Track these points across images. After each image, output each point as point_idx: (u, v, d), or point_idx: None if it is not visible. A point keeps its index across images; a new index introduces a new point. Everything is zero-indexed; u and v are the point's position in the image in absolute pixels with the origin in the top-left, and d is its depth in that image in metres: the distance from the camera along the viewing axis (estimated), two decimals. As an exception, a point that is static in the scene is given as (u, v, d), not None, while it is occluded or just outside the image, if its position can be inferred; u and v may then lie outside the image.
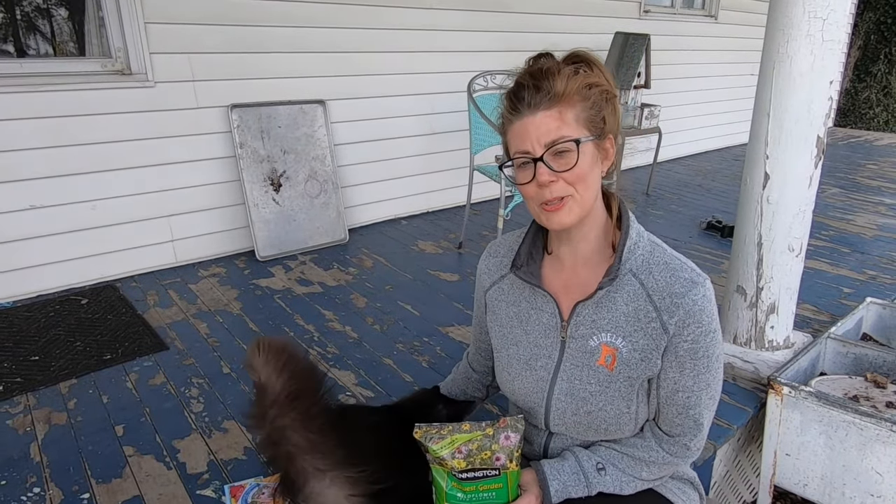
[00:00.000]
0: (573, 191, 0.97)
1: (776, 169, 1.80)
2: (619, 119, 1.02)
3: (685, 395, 1.02)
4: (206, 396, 1.89)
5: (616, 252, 1.02)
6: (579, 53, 0.98)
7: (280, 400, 0.95)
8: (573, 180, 0.96)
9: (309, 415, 0.96)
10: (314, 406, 0.98)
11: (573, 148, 0.94)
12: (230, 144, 2.94)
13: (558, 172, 0.95)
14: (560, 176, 0.95)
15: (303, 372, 0.99)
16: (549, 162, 0.95)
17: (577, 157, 0.94)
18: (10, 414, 1.80)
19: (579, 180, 0.96)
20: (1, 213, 2.44)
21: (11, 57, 2.60)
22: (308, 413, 0.96)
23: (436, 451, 0.98)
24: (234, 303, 2.55)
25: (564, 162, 0.95)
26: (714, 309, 1.01)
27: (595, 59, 0.98)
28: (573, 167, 0.94)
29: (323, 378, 1.04)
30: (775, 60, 1.74)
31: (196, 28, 2.74)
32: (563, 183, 0.96)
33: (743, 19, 5.75)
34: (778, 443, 1.74)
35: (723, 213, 3.76)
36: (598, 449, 1.10)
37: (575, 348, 1.06)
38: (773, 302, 1.92)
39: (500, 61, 3.57)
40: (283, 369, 0.96)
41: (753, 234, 1.89)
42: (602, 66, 0.98)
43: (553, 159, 0.95)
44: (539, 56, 0.99)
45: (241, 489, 1.47)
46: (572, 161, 0.94)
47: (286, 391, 0.95)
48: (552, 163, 0.95)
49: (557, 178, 0.96)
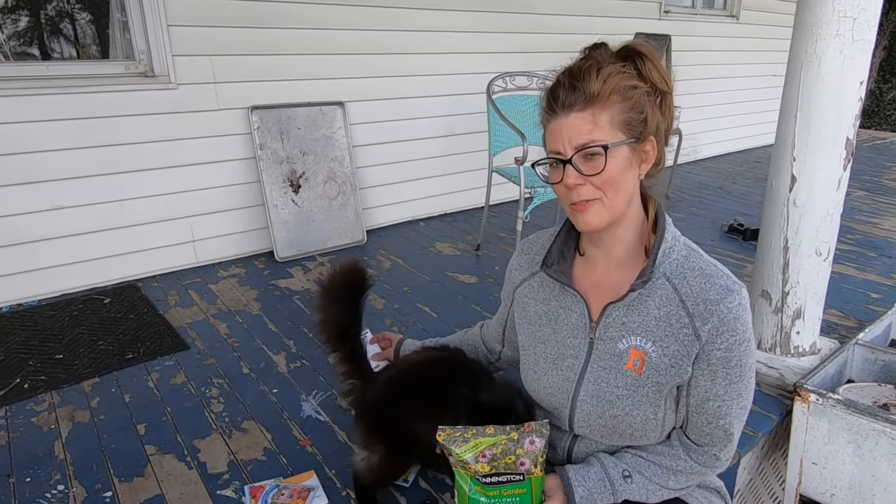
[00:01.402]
0: (601, 195, 0.95)
1: (803, 171, 1.76)
2: (670, 118, 0.99)
3: (716, 405, 1.00)
4: (226, 396, 1.90)
5: (650, 255, 1.00)
6: (634, 47, 0.95)
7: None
8: (601, 185, 0.94)
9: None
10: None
11: (602, 153, 0.92)
12: (250, 146, 2.96)
13: (586, 176, 0.94)
14: (588, 180, 0.94)
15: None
16: (578, 165, 0.94)
17: (605, 162, 0.92)
18: (35, 411, 1.83)
19: (608, 185, 0.94)
20: (27, 214, 2.48)
21: (37, 60, 2.65)
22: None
23: (459, 454, 0.97)
24: (253, 303, 2.57)
25: (593, 166, 0.93)
26: (749, 317, 0.99)
27: (648, 54, 0.94)
28: (601, 172, 0.93)
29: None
30: (803, 60, 1.70)
31: (217, 30, 2.76)
32: (590, 187, 0.95)
33: (765, 19, 5.67)
34: (804, 451, 1.70)
35: (744, 215, 3.70)
36: (623, 455, 1.08)
37: (603, 350, 1.05)
38: (800, 307, 1.88)
39: (520, 63, 3.55)
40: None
41: (779, 238, 1.85)
42: (656, 62, 0.95)
43: (582, 162, 0.94)
44: (593, 46, 0.96)
45: (261, 490, 1.47)
46: (600, 166, 0.93)
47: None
48: (581, 166, 0.94)
49: (585, 181, 0.94)
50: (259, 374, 2.02)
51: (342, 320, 1.35)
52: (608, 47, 0.96)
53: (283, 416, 1.80)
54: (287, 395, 1.91)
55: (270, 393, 1.92)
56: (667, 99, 0.98)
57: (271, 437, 1.70)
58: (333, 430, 1.73)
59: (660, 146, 0.99)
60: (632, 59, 0.94)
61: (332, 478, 1.53)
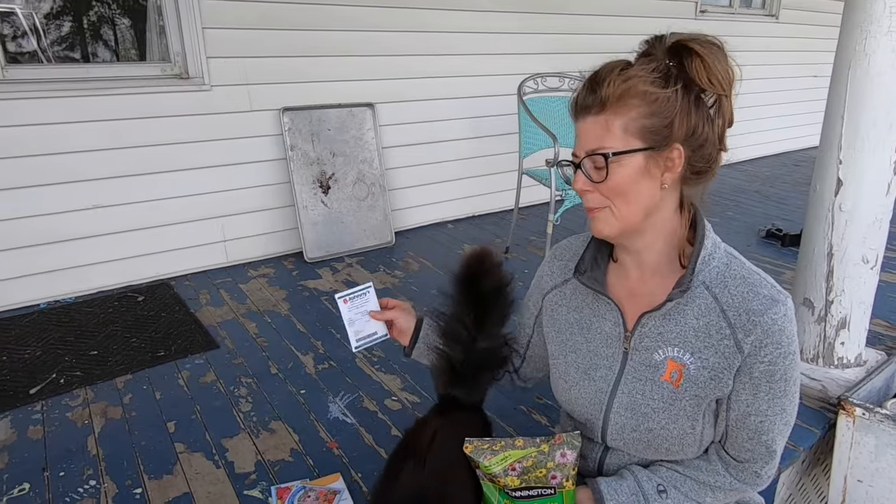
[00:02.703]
0: (609, 203, 0.92)
1: (850, 175, 1.69)
2: (723, 123, 0.93)
3: (758, 420, 0.95)
4: (255, 396, 1.90)
5: (688, 263, 0.96)
6: (684, 42, 0.88)
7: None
8: (608, 194, 0.91)
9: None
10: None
11: (603, 163, 0.89)
12: (281, 147, 2.99)
13: (594, 182, 0.91)
14: (596, 187, 0.92)
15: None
16: (588, 170, 0.92)
17: (608, 171, 0.89)
18: (69, 406, 1.86)
19: (615, 194, 0.91)
20: (66, 213, 2.55)
21: (78, 63, 2.72)
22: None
23: (488, 467, 0.94)
24: (282, 303, 2.58)
25: (600, 173, 0.90)
26: (794, 329, 0.94)
27: (700, 51, 0.87)
28: (604, 180, 0.90)
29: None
30: (851, 59, 1.63)
31: (251, 33, 2.80)
32: (598, 194, 0.92)
33: (807, 18, 5.50)
34: (849, 468, 1.63)
35: (783, 220, 3.59)
36: (658, 469, 1.04)
37: (638, 361, 1.01)
38: (845, 316, 1.81)
39: (551, 64, 3.51)
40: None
41: (823, 244, 1.78)
42: (708, 60, 0.87)
43: (591, 168, 0.91)
44: (657, 38, 0.90)
45: (288, 491, 1.47)
46: (604, 174, 0.90)
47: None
48: (591, 172, 0.91)
49: (594, 188, 0.92)
50: (287, 375, 2.03)
51: (455, 318, 1.14)
52: (664, 40, 0.90)
53: (311, 417, 1.80)
54: (314, 396, 1.91)
55: (298, 394, 1.92)
56: (722, 102, 0.92)
57: (298, 438, 1.70)
58: (360, 432, 1.72)
59: (702, 153, 0.92)
60: (678, 57, 0.89)
61: (359, 481, 1.52)
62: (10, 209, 2.43)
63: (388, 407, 1.84)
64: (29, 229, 2.48)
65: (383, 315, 1.20)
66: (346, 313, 1.16)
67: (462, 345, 1.13)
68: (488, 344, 1.14)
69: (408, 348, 1.23)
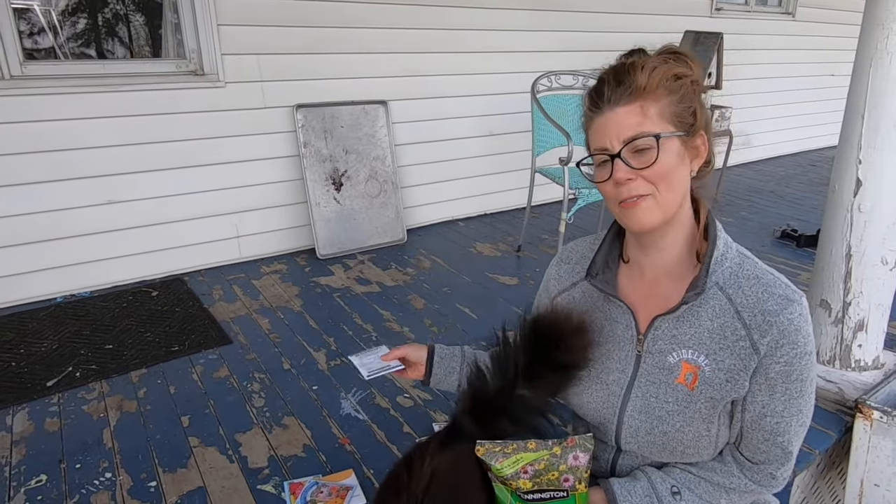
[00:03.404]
0: (653, 189, 0.91)
1: (870, 175, 1.66)
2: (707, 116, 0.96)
3: (774, 421, 0.94)
4: (268, 392, 1.92)
5: (702, 263, 0.95)
6: (671, 47, 0.93)
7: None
8: (654, 178, 0.90)
9: None
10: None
11: (653, 144, 0.88)
12: (294, 144, 3.00)
13: (637, 170, 0.90)
14: (639, 174, 0.90)
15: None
16: (628, 159, 0.90)
17: (658, 153, 0.88)
18: (86, 400, 1.88)
19: (660, 179, 0.90)
20: (82, 208, 2.57)
21: (93, 60, 2.74)
22: None
23: (499, 469, 0.94)
24: (294, 300, 2.59)
25: (644, 159, 0.89)
26: (810, 329, 0.93)
27: (686, 53, 0.93)
28: (653, 164, 0.89)
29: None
30: (872, 57, 1.61)
31: (265, 30, 2.80)
32: (642, 181, 0.90)
33: (825, 16, 5.43)
34: (866, 472, 1.61)
35: (798, 221, 3.55)
36: (672, 470, 1.03)
37: (651, 364, 1.00)
38: (862, 318, 1.78)
39: (565, 62, 3.49)
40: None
41: (841, 245, 1.75)
42: (694, 61, 0.92)
43: (632, 156, 0.90)
44: (630, 52, 0.94)
45: (301, 486, 1.48)
46: (652, 158, 0.89)
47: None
48: (630, 160, 0.90)
49: (636, 175, 0.90)
50: (300, 371, 2.04)
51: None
52: (646, 51, 0.94)
53: (323, 413, 1.81)
54: (327, 392, 1.91)
55: (310, 390, 1.93)
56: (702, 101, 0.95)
57: (311, 434, 1.70)
58: (372, 429, 1.73)
59: (710, 143, 0.96)
60: (670, 56, 0.92)
61: (371, 477, 1.53)
62: (28, 204, 2.46)
63: (400, 404, 1.85)
64: (45, 224, 2.51)
65: (393, 354, 1.19)
66: (358, 361, 1.20)
67: (503, 379, 1.03)
68: (527, 394, 1.03)
69: (425, 377, 1.22)
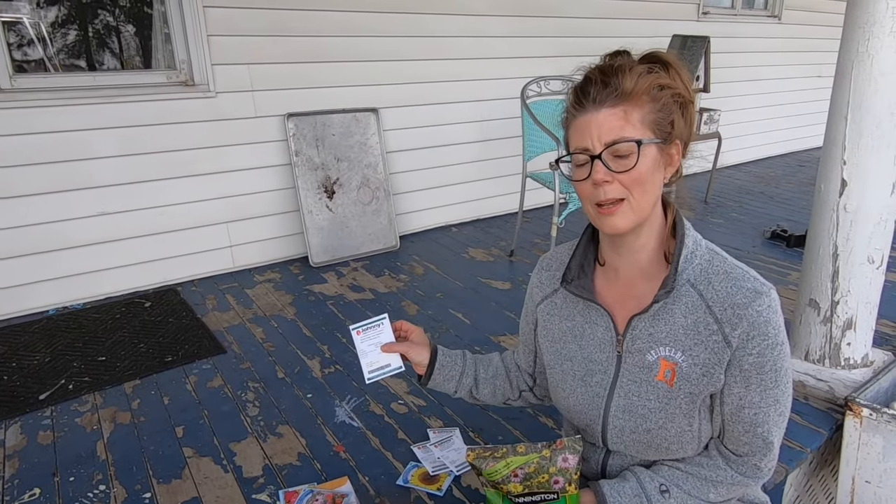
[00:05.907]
0: (628, 194, 0.93)
1: (855, 175, 1.69)
2: (692, 126, 0.98)
3: (752, 412, 0.96)
4: (262, 401, 1.91)
5: (671, 262, 0.97)
6: (657, 54, 0.94)
7: None
8: (629, 183, 0.92)
9: None
10: None
11: (634, 150, 0.90)
12: (286, 152, 3.00)
13: (615, 173, 0.91)
14: (616, 177, 0.92)
15: None
16: (607, 161, 0.92)
17: (637, 159, 0.90)
18: (79, 412, 1.88)
19: (636, 184, 0.92)
20: (74, 219, 2.57)
21: (84, 71, 2.74)
22: None
23: (490, 474, 0.94)
24: (288, 308, 2.59)
25: (624, 163, 0.91)
26: (780, 320, 0.95)
27: (673, 62, 0.94)
28: (631, 169, 0.91)
29: None
30: (854, 60, 1.63)
31: (255, 39, 2.82)
32: (618, 185, 0.92)
33: (810, 19, 5.49)
34: (857, 469, 1.62)
35: (787, 221, 3.58)
36: (660, 469, 1.04)
37: (632, 363, 1.02)
38: (851, 317, 1.80)
39: (554, 67, 3.52)
40: None
41: (828, 245, 1.78)
42: (680, 70, 0.94)
43: (611, 159, 0.92)
44: (615, 53, 0.95)
45: (296, 495, 1.48)
46: (631, 163, 0.91)
47: None
48: (610, 162, 0.92)
49: (613, 178, 0.92)
50: (294, 379, 2.04)
51: None
52: (630, 54, 0.95)
53: (318, 421, 1.81)
54: (321, 400, 1.91)
55: (305, 398, 1.93)
56: (689, 108, 0.96)
57: (306, 442, 1.70)
58: (367, 436, 1.73)
59: (683, 153, 0.98)
60: (657, 65, 0.93)
61: (366, 484, 1.53)
62: (19, 216, 2.46)
63: (394, 410, 1.85)
64: (38, 236, 2.50)
65: (395, 348, 1.19)
66: (360, 344, 1.15)
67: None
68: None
69: (423, 378, 1.22)
